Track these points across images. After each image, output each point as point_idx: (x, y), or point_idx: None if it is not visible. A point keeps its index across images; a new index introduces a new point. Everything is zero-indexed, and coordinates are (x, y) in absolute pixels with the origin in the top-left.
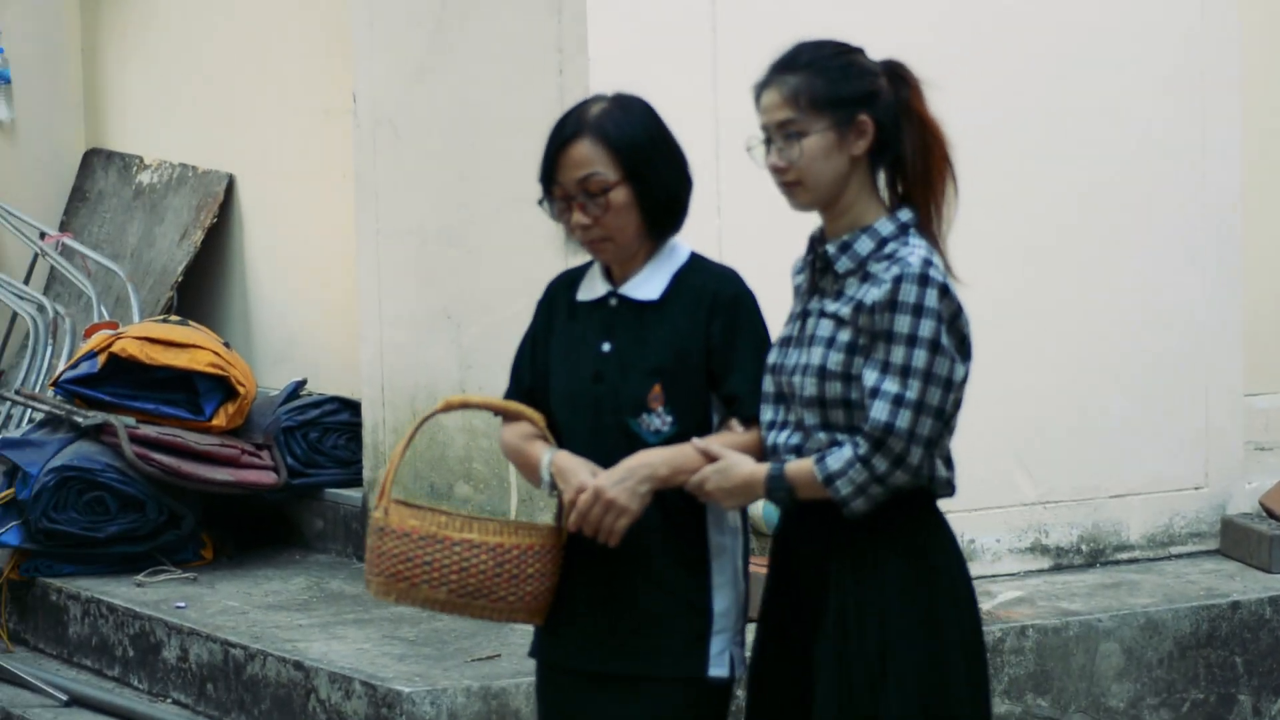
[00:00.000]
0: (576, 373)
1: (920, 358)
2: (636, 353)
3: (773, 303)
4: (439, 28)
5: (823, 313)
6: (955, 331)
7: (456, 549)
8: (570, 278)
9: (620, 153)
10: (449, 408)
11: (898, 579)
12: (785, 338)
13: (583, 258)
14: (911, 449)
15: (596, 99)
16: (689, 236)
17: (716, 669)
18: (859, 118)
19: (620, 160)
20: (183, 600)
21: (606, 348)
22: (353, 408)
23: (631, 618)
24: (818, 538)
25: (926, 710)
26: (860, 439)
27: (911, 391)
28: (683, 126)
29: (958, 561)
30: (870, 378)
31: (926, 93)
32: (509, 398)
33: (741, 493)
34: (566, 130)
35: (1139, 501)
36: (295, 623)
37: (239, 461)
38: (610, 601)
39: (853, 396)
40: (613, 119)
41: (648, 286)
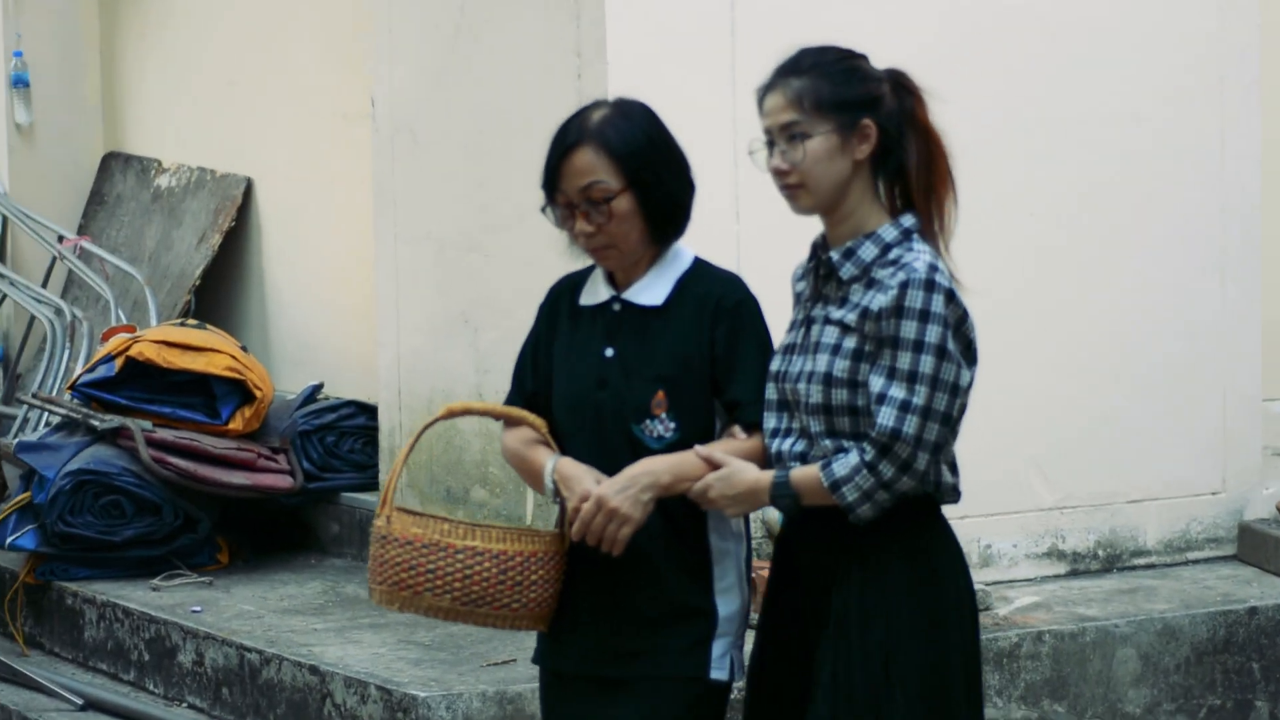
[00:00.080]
0: (579, 378)
1: (927, 363)
2: (640, 358)
3: (789, 308)
4: (457, 33)
5: (827, 319)
6: (961, 337)
7: (460, 556)
8: (572, 282)
9: (622, 161)
10: (450, 415)
11: (902, 581)
12: (788, 345)
13: (588, 263)
14: (918, 454)
15: (597, 105)
16: (707, 241)
17: (717, 671)
18: (862, 122)
19: (622, 168)
20: (198, 604)
21: (610, 353)
22: (369, 412)
23: (634, 623)
24: (821, 541)
25: (929, 712)
26: (867, 445)
27: (918, 397)
28: (701, 131)
29: (961, 566)
30: (876, 383)
31: (929, 103)
32: (511, 403)
33: (745, 500)
34: (568, 138)
35: (1156, 507)
36: (311, 627)
37: (255, 465)
38: (613, 608)
39: (858, 403)
40: (614, 126)
41: (651, 292)
